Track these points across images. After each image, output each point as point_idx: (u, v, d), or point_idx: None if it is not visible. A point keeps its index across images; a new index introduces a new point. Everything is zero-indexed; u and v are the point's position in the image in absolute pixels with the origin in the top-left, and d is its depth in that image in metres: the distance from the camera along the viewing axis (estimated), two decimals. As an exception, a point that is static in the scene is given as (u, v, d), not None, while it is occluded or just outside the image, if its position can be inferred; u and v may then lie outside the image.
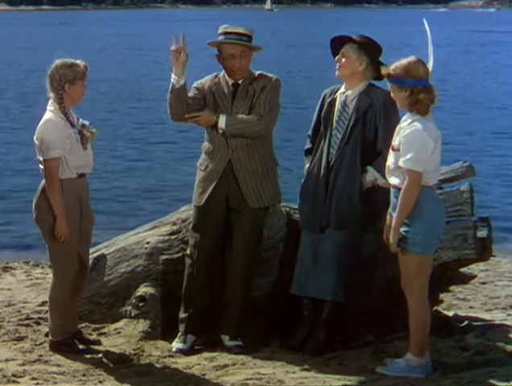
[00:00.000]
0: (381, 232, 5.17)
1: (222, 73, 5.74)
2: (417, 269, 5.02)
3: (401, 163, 4.93)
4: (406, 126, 4.97)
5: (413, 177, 4.90)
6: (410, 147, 4.90)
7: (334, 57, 5.61)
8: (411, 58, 5.01)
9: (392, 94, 5.09)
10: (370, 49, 5.54)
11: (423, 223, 4.95)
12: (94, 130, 5.59)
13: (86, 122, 5.58)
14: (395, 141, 5.02)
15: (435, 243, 5.10)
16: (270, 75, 5.74)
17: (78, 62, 5.47)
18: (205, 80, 5.76)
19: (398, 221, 4.96)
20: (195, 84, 5.76)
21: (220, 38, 5.65)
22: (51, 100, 5.46)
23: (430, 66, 5.04)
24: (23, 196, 12.56)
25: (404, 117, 5.06)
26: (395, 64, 5.02)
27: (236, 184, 5.62)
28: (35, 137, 5.43)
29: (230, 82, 5.67)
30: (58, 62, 5.45)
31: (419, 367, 5.07)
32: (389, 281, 5.41)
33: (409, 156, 4.89)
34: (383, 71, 5.10)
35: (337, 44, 5.59)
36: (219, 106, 5.64)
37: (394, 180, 5.04)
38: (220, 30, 5.68)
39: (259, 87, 5.63)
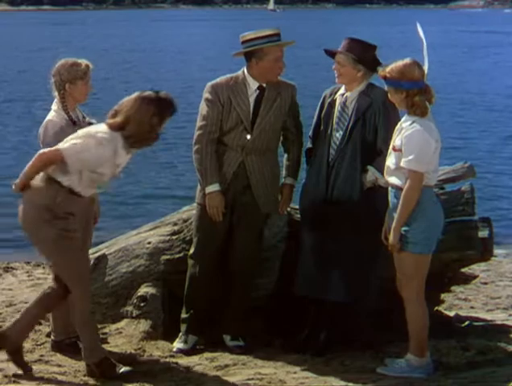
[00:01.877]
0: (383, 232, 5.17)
1: (241, 74, 5.64)
2: (415, 269, 5.02)
3: (403, 164, 4.93)
4: (408, 127, 4.97)
5: (415, 177, 4.90)
6: (412, 148, 4.91)
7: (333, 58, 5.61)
8: (407, 60, 5.01)
9: (389, 96, 5.10)
10: (364, 55, 5.49)
11: (423, 223, 4.96)
12: None
13: (94, 121, 5.59)
14: (396, 142, 5.02)
15: (434, 243, 5.10)
16: (288, 81, 5.74)
17: (80, 61, 5.46)
18: (220, 82, 5.64)
19: (400, 221, 4.96)
20: (211, 85, 5.62)
21: (267, 41, 5.52)
22: (55, 100, 5.48)
23: (425, 68, 5.04)
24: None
25: (404, 118, 5.06)
26: (391, 67, 5.02)
27: (245, 186, 5.61)
28: (38, 138, 5.45)
29: (255, 85, 5.59)
30: (61, 61, 5.46)
31: (419, 368, 5.07)
32: (390, 281, 5.40)
33: (411, 157, 4.90)
34: (380, 72, 5.10)
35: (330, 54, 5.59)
36: (238, 115, 5.57)
37: (394, 180, 5.04)
38: (258, 34, 5.55)
39: (287, 94, 5.62)
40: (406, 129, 4.97)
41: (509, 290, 7.75)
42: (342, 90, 5.60)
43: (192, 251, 5.74)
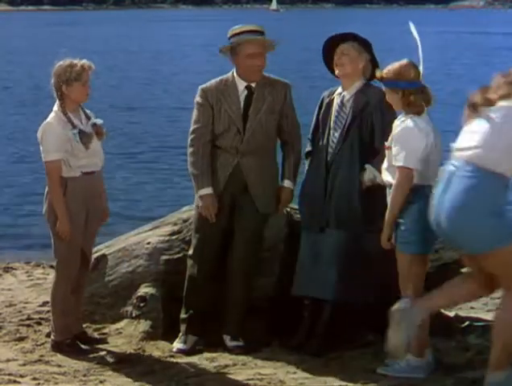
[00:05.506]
0: (382, 231, 5.17)
1: (230, 76, 5.65)
2: (410, 269, 5.01)
3: (393, 161, 4.95)
4: (398, 125, 5.01)
5: (403, 173, 4.91)
6: (399, 144, 4.94)
7: (324, 57, 5.62)
8: (403, 61, 5.07)
9: (386, 97, 5.13)
10: (369, 46, 5.57)
11: (416, 222, 4.95)
12: (104, 130, 5.60)
13: (99, 121, 5.59)
14: (388, 140, 5.05)
15: (430, 243, 5.08)
16: (281, 79, 5.72)
17: (76, 62, 5.45)
18: (211, 85, 5.66)
19: (390, 218, 4.98)
20: (202, 89, 5.66)
21: (240, 37, 5.52)
22: (57, 100, 5.49)
23: (421, 68, 5.07)
24: (24, 196, 12.60)
25: (398, 117, 5.09)
26: (388, 68, 5.08)
27: (242, 187, 5.61)
28: (38, 139, 5.49)
29: (243, 85, 5.60)
30: (59, 62, 5.47)
31: (419, 368, 5.07)
32: (390, 281, 5.40)
33: (399, 153, 4.93)
34: (377, 74, 5.16)
35: (335, 43, 5.60)
36: (229, 117, 5.58)
37: (388, 178, 5.06)
38: (235, 31, 5.57)
39: (280, 94, 5.60)
40: (395, 128, 5.01)
41: (509, 290, 7.73)
42: (339, 90, 5.61)
43: (190, 251, 5.75)
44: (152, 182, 14.07)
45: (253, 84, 5.60)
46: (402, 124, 4.99)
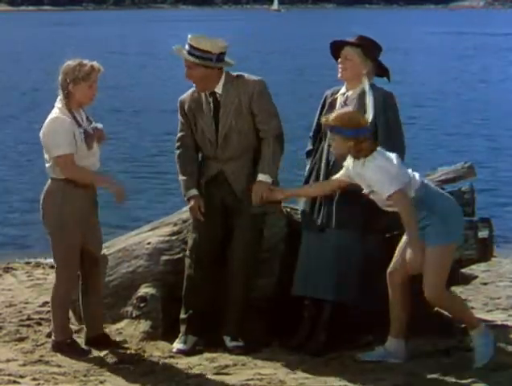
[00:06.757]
0: (382, 231, 5.18)
1: None
2: (440, 262, 5.04)
3: (385, 196, 4.99)
4: (363, 171, 5.06)
5: (398, 197, 4.97)
6: (376, 181, 5.01)
7: (335, 58, 5.63)
8: (349, 108, 5.23)
9: (334, 143, 5.19)
10: (373, 52, 5.55)
11: (435, 216, 5.02)
12: (105, 135, 5.60)
13: (100, 125, 5.58)
14: (365, 190, 5.10)
15: (454, 232, 5.12)
16: (252, 78, 5.65)
17: (85, 62, 5.43)
18: (186, 96, 5.73)
19: (413, 239, 5.00)
20: (179, 100, 5.75)
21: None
22: (59, 98, 5.45)
23: (370, 116, 5.18)
24: (24, 197, 12.59)
25: (352, 165, 5.14)
26: (335, 115, 5.13)
27: (230, 191, 5.63)
28: (41, 135, 5.40)
29: (208, 92, 5.61)
30: (68, 61, 5.45)
31: (395, 353, 5.21)
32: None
33: (382, 186, 4.98)
34: (323, 120, 5.22)
35: (338, 47, 5.59)
36: (201, 126, 5.61)
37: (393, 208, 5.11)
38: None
39: (246, 95, 5.54)
40: (361, 174, 5.07)
41: (509, 291, 7.74)
42: (343, 89, 5.61)
43: (188, 251, 5.75)
44: (151, 186, 14.05)
45: (217, 90, 5.58)
46: (363, 169, 5.04)
